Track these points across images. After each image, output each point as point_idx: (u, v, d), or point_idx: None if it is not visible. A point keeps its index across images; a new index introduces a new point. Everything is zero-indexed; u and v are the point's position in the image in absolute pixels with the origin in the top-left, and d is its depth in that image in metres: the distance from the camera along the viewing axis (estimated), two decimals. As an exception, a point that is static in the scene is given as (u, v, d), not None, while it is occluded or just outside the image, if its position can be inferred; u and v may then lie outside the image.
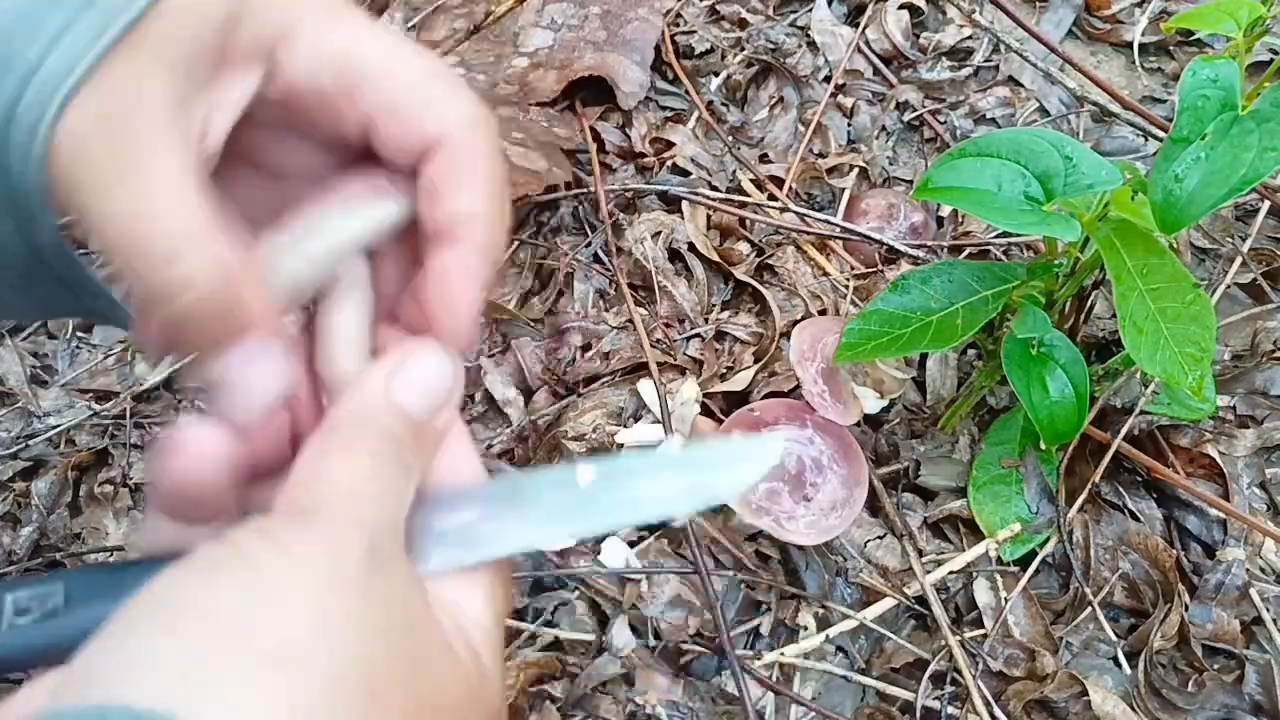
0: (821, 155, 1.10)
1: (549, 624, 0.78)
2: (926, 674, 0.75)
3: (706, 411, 0.87)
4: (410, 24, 1.26)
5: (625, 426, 0.87)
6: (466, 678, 0.34)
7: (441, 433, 0.38)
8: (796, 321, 0.93)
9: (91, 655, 0.28)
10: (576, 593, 0.80)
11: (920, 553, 0.81)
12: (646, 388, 0.87)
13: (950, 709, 0.74)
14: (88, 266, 0.38)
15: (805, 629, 0.77)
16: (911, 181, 1.08)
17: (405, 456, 0.35)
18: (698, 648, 0.77)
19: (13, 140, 0.33)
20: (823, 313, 0.94)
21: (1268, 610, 0.77)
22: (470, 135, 0.39)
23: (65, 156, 0.33)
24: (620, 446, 0.85)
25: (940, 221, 1.04)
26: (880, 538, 0.82)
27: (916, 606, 0.79)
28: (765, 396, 0.87)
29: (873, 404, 0.80)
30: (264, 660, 0.27)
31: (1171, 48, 1.17)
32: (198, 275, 0.35)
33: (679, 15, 1.21)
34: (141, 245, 0.35)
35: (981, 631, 0.78)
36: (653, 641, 0.77)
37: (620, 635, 0.77)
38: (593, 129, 1.10)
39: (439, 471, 0.38)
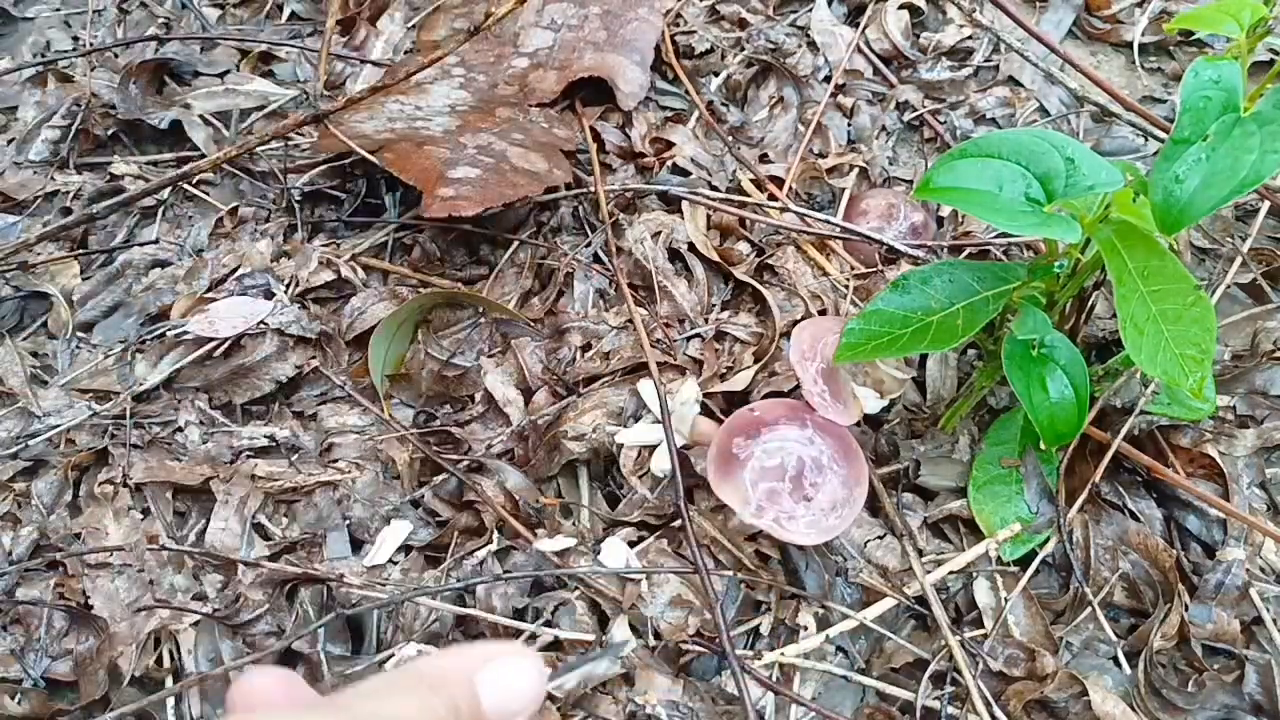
0: (821, 155, 1.10)
1: (549, 624, 0.78)
2: (926, 674, 0.75)
3: (706, 411, 0.87)
4: (410, 24, 1.26)
5: (625, 426, 0.87)
6: None
7: None
8: (796, 321, 0.93)
9: None
10: (576, 592, 0.80)
11: (920, 553, 0.81)
12: (646, 388, 0.87)
13: (950, 709, 0.74)
14: None
15: (805, 629, 0.77)
16: (911, 181, 1.08)
17: None
18: (698, 648, 0.77)
19: None
20: (823, 313, 0.94)
21: (1268, 610, 0.77)
22: None
23: None
24: (620, 447, 0.85)
25: (940, 221, 1.04)
26: (880, 538, 0.82)
27: (916, 606, 0.79)
28: (765, 396, 0.87)
29: (873, 404, 0.80)
30: None
31: (1172, 48, 1.17)
32: None
33: (679, 15, 1.21)
34: None
35: (981, 631, 0.78)
36: (653, 641, 0.77)
37: (620, 635, 0.77)
38: (593, 129, 1.10)
39: None
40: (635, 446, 0.85)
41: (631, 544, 0.82)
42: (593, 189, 1.03)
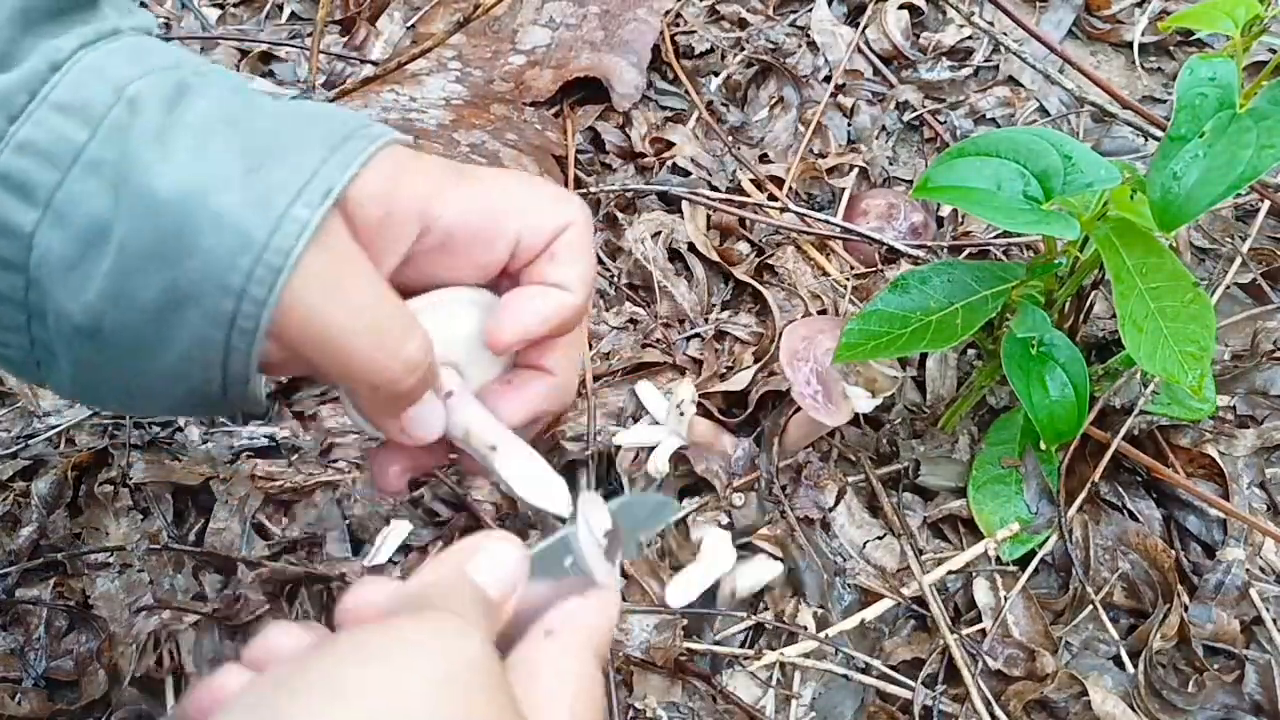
0: (821, 155, 1.10)
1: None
2: (926, 674, 0.75)
3: (704, 412, 0.87)
4: (410, 23, 1.26)
5: (624, 427, 0.87)
6: None
7: (507, 615, 0.42)
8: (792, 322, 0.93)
9: None
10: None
11: (920, 553, 0.81)
12: (645, 389, 0.87)
13: (950, 709, 0.74)
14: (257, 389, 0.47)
15: (805, 629, 0.77)
16: (911, 181, 1.08)
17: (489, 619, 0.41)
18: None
19: (233, 341, 0.42)
20: (822, 312, 0.94)
21: (1268, 610, 0.77)
22: (585, 226, 0.52)
23: (298, 306, 0.42)
24: (619, 449, 0.85)
25: (940, 221, 1.04)
26: (880, 538, 0.82)
27: (916, 607, 0.79)
28: (762, 396, 0.87)
29: (864, 404, 0.80)
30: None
31: (1171, 48, 1.17)
32: (423, 354, 0.46)
33: (679, 15, 1.21)
34: (380, 331, 0.45)
35: (981, 631, 0.77)
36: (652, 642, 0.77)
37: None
38: (592, 128, 1.10)
39: None
40: (633, 448, 0.85)
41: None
42: (593, 189, 1.03)
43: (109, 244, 0.41)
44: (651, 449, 0.84)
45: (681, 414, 0.83)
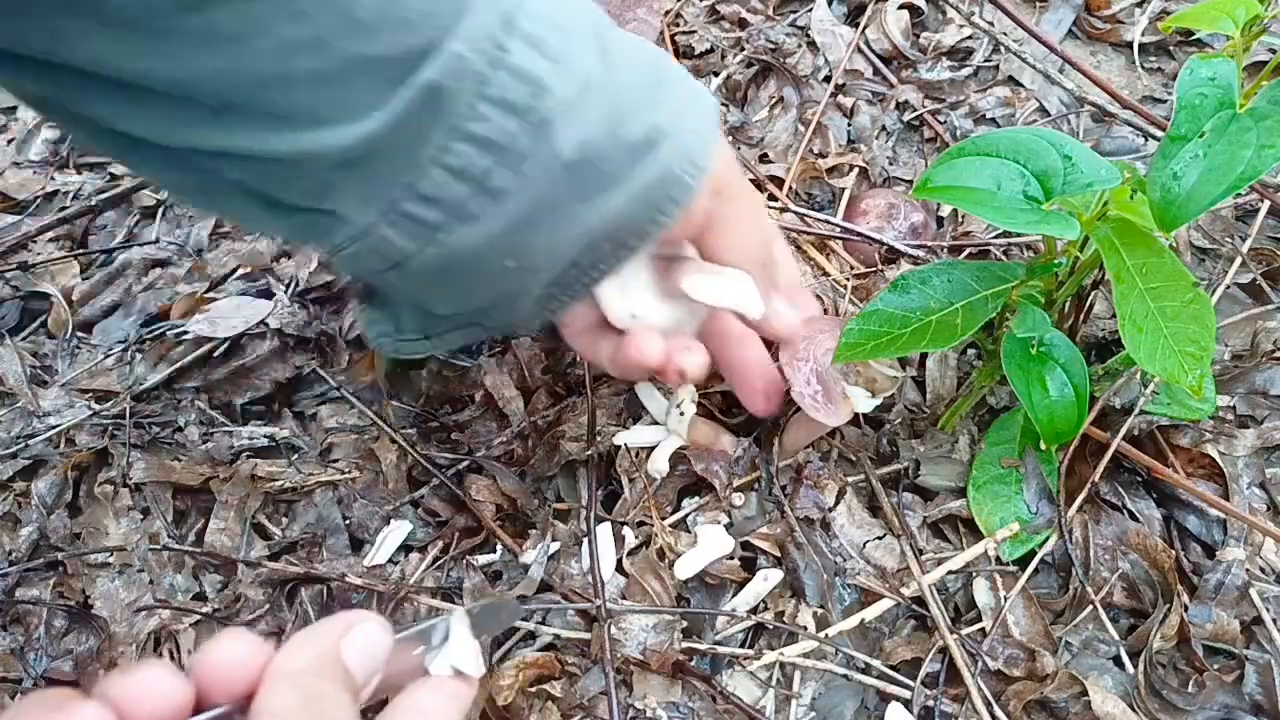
0: (821, 155, 1.10)
1: (542, 622, 0.78)
2: (926, 674, 0.75)
3: (705, 412, 0.87)
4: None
5: (625, 427, 0.87)
6: None
7: (366, 696, 0.46)
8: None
9: None
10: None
11: (919, 553, 0.81)
12: (645, 390, 0.87)
13: (950, 709, 0.74)
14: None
15: (805, 629, 0.77)
16: (911, 181, 1.08)
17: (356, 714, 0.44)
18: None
19: (685, 174, 0.60)
20: (824, 313, 0.94)
21: (1268, 610, 0.77)
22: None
23: (721, 176, 0.64)
24: (619, 449, 0.85)
25: (940, 221, 1.04)
26: (879, 538, 0.82)
27: (915, 607, 0.79)
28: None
29: (864, 403, 0.80)
30: None
31: (1171, 48, 1.17)
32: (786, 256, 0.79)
33: (679, 15, 1.21)
34: (769, 235, 0.74)
35: (981, 631, 0.77)
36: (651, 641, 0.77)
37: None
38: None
39: None
40: (635, 448, 0.85)
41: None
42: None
43: (604, 93, 0.55)
44: (652, 449, 0.84)
45: (681, 414, 0.83)
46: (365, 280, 0.66)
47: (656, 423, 0.85)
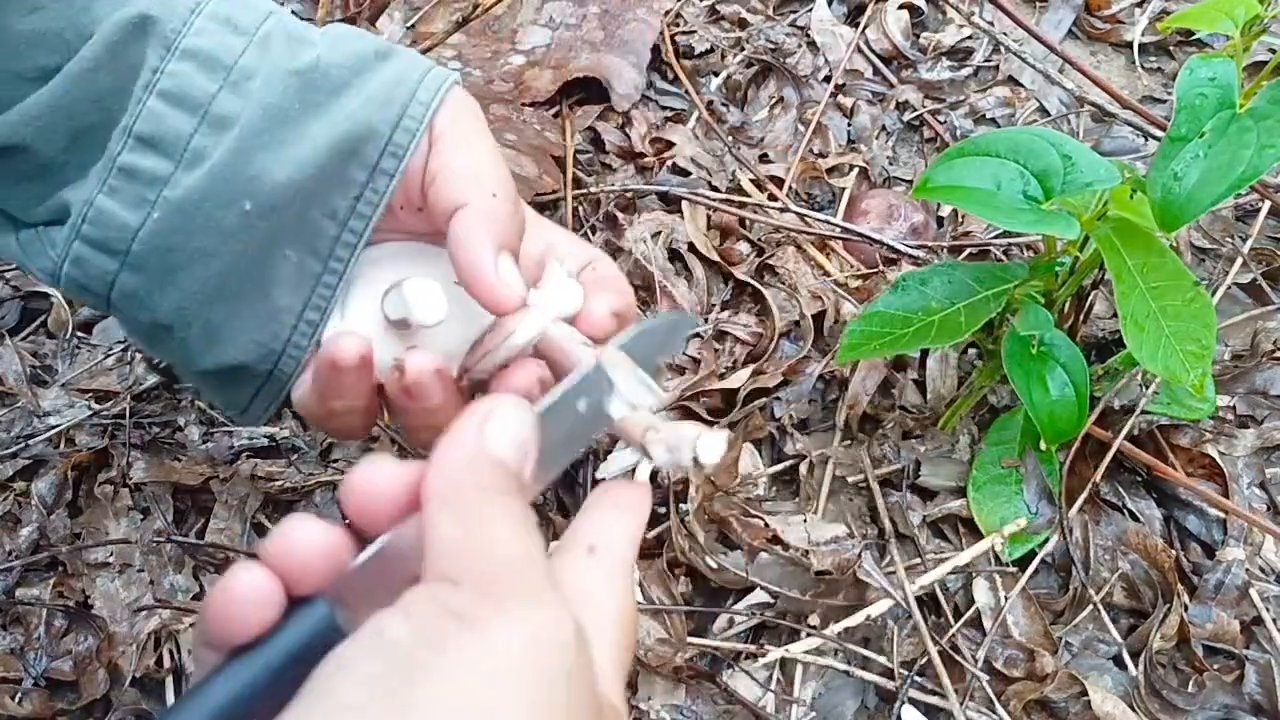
0: (821, 155, 1.10)
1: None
2: (926, 673, 0.75)
3: (689, 414, 0.87)
4: (410, 23, 1.26)
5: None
6: None
7: (526, 479, 0.39)
8: (796, 322, 0.93)
9: None
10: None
11: (920, 552, 0.81)
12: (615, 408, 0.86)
13: (949, 708, 0.74)
14: None
15: (807, 627, 0.77)
16: (911, 181, 1.08)
17: (526, 508, 0.36)
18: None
19: (423, 83, 0.53)
20: (823, 313, 0.94)
21: (1268, 610, 0.77)
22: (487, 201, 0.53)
23: (453, 104, 0.54)
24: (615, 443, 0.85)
25: (940, 221, 1.04)
26: (879, 537, 0.82)
27: (916, 606, 0.79)
28: (749, 395, 0.87)
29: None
30: None
31: (1171, 48, 1.17)
32: (518, 201, 0.54)
33: (679, 15, 1.21)
34: (503, 175, 0.54)
35: (981, 631, 0.77)
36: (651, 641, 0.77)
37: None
38: (592, 128, 1.10)
39: None
40: (616, 475, 0.84)
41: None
42: (593, 189, 1.03)
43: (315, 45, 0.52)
44: (632, 472, 0.84)
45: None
46: (102, 309, 0.54)
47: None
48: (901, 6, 1.21)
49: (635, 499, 0.42)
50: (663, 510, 0.83)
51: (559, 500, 0.86)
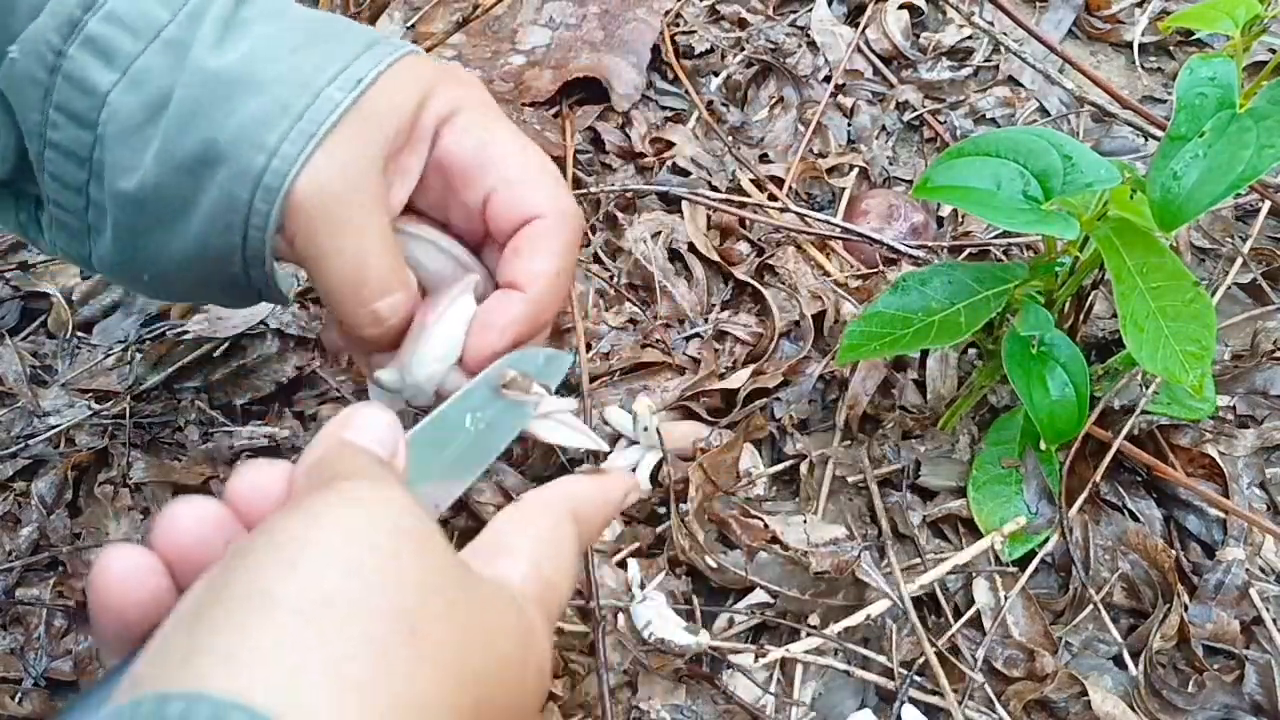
0: (821, 155, 1.10)
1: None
2: (926, 673, 0.75)
3: (691, 414, 0.87)
4: (410, 23, 1.26)
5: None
6: (513, 626, 0.37)
7: (402, 474, 0.44)
8: (796, 322, 0.93)
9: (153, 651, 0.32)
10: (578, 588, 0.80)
11: (920, 552, 0.81)
12: (612, 413, 0.86)
13: (949, 708, 0.74)
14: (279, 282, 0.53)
15: (807, 626, 0.77)
16: (911, 181, 1.08)
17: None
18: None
19: (256, 201, 0.47)
20: (823, 313, 0.94)
21: (1268, 610, 0.77)
22: (559, 220, 0.52)
23: (303, 210, 0.47)
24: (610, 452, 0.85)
25: (940, 221, 1.04)
26: (879, 537, 0.82)
27: (915, 606, 0.78)
28: (750, 395, 0.87)
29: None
30: (298, 617, 0.29)
31: (1171, 48, 1.17)
32: (392, 314, 0.50)
33: (679, 15, 1.21)
34: (359, 283, 0.48)
35: (981, 631, 0.77)
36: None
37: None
38: (592, 128, 1.10)
39: None
40: (619, 469, 0.84)
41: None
42: (593, 189, 1.03)
43: (167, 110, 0.47)
44: (634, 468, 0.84)
45: (646, 429, 0.82)
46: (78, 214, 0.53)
47: (635, 442, 0.85)
48: (901, 6, 1.21)
49: (610, 477, 0.47)
50: (663, 510, 0.83)
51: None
